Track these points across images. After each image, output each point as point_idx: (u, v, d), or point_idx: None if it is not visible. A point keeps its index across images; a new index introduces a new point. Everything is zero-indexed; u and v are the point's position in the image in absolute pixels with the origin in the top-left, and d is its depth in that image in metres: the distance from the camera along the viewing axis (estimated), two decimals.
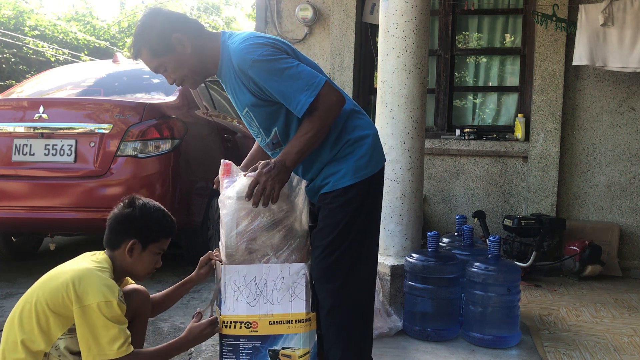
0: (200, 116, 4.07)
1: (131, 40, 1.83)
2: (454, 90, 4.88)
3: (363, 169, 1.82)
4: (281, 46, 1.75)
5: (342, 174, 1.82)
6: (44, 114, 3.43)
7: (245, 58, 1.70)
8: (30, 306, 1.66)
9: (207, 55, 1.83)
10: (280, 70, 1.69)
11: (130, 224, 1.80)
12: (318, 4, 4.83)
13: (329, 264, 1.83)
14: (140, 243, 1.79)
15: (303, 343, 1.86)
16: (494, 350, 2.59)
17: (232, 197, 1.89)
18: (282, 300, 1.84)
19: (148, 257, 1.83)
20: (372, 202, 1.88)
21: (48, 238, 3.83)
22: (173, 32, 1.76)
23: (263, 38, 1.74)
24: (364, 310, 1.92)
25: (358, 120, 1.88)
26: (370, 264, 1.92)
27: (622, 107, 4.44)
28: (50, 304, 1.63)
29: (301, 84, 1.69)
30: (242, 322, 1.85)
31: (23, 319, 1.66)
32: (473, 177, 4.62)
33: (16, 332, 1.66)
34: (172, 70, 1.81)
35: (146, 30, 1.77)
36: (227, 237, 1.88)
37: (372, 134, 1.88)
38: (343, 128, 1.84)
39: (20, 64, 11.80)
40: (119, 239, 1.79)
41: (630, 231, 4.44)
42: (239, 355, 1.86)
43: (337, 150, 1.83)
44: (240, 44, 1.73)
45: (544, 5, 4.38)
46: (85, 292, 1.61)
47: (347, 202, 1.81)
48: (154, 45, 1.77)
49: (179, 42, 1.77)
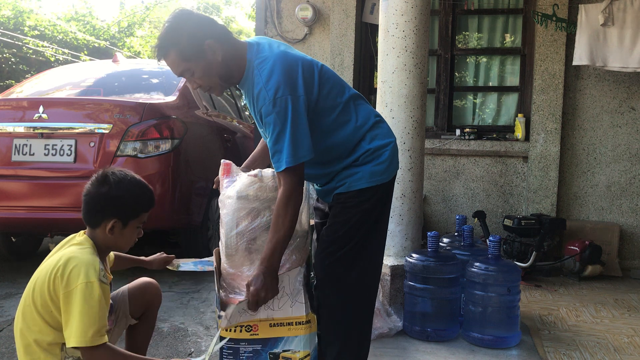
0: (200, 116, 4.07)
1: (158, 40, 1.77)
2: (454, 90, 4.87)
3: (380, 174, 1.86)
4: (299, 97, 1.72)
5: (358, 177, 1.85)
6: (44, 114, 3.43)
7: (262, 96, 1.71)
8: (30, 306, 1.65)
9: (235, 65, 1.81)
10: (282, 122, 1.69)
11: (108, 204, 1.74)
12: (318, 4, 4.83)
13: (334, 260, 1.85)
14: (120, 221, 1.75)
15: (304, 345, 1.85)
16: (494, 350, 2.59)
17: (232, 196, 1.88)
18: (283, 307, 1.84)
19: (129, 231, 1.79)
20: (383, 207, 1.92)
21: (48, 238, 3.83)
22: (206, 38, 1.73)
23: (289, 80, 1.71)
24: (364, 310, 1.94)
25: (378, 129, 1.90)
26: (374, 265, 1.94)
27: (622, 107, 4.44)
28: (46, 296, 1.62)
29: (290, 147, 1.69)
30: (242, 325, 1.84)
31: (27, 320, 1.66)
32: (473, 177, 4.62)
33: (26, 334, 1.66)
34: (200, 76, 1.78)
35: (177, 32, 1.73)
36: (227, 237, 1.88)
37: (392, 142, 1.91)
38: (362, 138, 1.87)
39: (20, 64, 11.79)
40: (98, 219, 1.74)
41: (630, 231, 4.43)
42: (239, 359, 1.85)
43: (355, 158, 1.87)
44: (265, 78, 1.71)
45: (544, 5, 4.38)
46: (70, 276, 1.59)
47: (360, 203, 1.85)
48: (184, 48, 1.72)
49: (210, 49, 1.75)
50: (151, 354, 2.53)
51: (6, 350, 2.56)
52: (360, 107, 1.92)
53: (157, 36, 1.80)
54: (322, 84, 1.83)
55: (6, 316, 3.01)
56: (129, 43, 16.00)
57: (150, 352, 2.55)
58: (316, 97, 1.80)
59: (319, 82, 1.82)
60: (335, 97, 1.86)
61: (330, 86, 1.86)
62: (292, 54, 1.81)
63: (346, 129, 1.86)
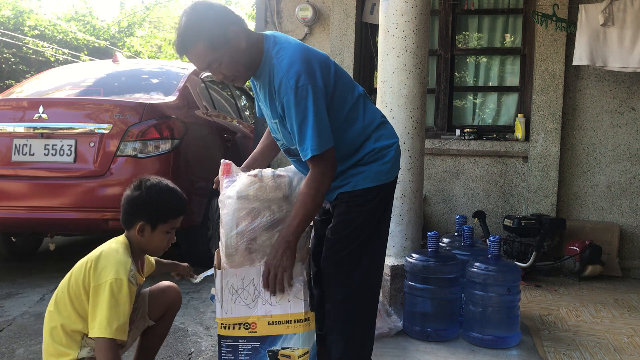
0: (200, 116, 4.07)
1: (180, 34, 1.73)
2: (454, 90, 4.87)
3: (384, 174, 1.88)
4: (318, 87, 1.73)
5: (364, 176, 1.87)
6: (44, 114, 3.43)
7: (284, 85, 1.71)
8: (64, 292, 1.76)
9: (254, 53, 1.80)
10: (304, 111, 1.71)
11: (138, 207, 1.86)
12: (318, 4, 4.83)
13: (339, 259, 1.87)
14: (149, 224, 1.84)
15: (302, 343, 1.86)
16: (494, 350, 2.59)
17: (232, 196, 1.88)
18: (281, 301, 1.85)
19: (159, 236, 1.88)
20: (386, 206, 1.94)
21: (48, 238, 3.83)
22: (230, 24, 1.72)
23: (309, 69, 1.72)
24: (367, 309, 1.95)
25: (383, 130, 1.93)
26: (377, 265, 1.96)
27: (622, 107, 4.44)
28: (80, 285, 1.74)
29: (314, 134, 1.71)
30: (240, 323, 1.85)
31: (59, 305, 1.77)
32: (473, 177, 4.62)
33: (55, 317, 1.76)
34: (227, 64, 1.75)
35: (201, 22, 1.69)
36: (227, 237, 1.88)
37: (396, 143, 1.93)
38: (368, 137, 1.88)
39: (20, 64, 11.79)
40: (131, 220, 1.86)
41: (630, 231, 4.43)
42: (238, 356, 1.85)
43: (360, 157, 1.88)
44: (285, 67, 1.71)
45: (544, 5, 4.38)
46: (102, 270, 1.71)
47: (365, 202, 1.87)
48: (211, 37, 1.69)
49: (235, 35, 1.73)
50: None
51: (6, 350, 2.56)
52: (368, 106, 1.93)
53: (176, 32, 1.77)
54: (337, 78, 1.84)
55: (6, 316, 3.01)
56: (129, 43, 16.00)
57: None
58: (332, 92, 1.81)
59: (335, 76, 1.83)
60: (346, 94, 1.87)
61: (343, 83, 1.87)
62: (309, 47, 1.84)
63: (354, 127, 1.87)
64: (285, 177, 1.92)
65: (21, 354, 2.52)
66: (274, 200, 1.87)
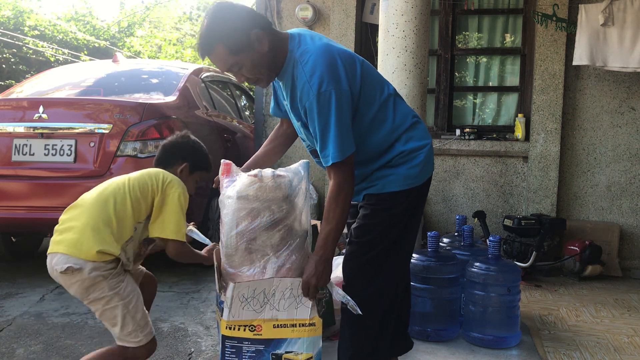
0: (200, 116, 4.07)
1: (201, 36, 1.72)
2: (454, 90, 4.87)
3: (413, 178, 1.83)
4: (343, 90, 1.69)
5: (391, 180, 1.82)
6: (44, 114, 3.43)
7: (307, 91, 1.69)
8: (122, 194, 1.93)
9: (278, 55, 1.77)
10: (326, 117, 1.68)
11: (185, 150, 2.14)
12: (318, 4, 4.83)
13: (362, 263, 1.84)
14: (190, 167, 2.11)
15: (307, 348, 1.85)
16: (494, 350, 2.59)
17: (232, 196, 1.88)
18: (288, 308, 1.84)
19: (192, 180, 2.15)
20: (414, 211, 1.88)
21: (48, 238, 3.82)
22: (251, 28, 1.69)
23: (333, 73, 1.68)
24: (386, 313, 1.90)
25: (414, 131, 1.86)
26: (399, 272, 1.90)
27: (622, 107, 4.44)
28: (139, 191, 1.94)
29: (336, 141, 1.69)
30: (246, 325, 1.84)
31: (117, 205, 1.91)
32: (473, 177, 4.62)
33: (106, 216, 1.90)
34: (249, 69, 1.74)
35: (221, 26, 1.67)
36: (227, 237, 1.88)
37: (428, 144, 1.87)
38: (398, 139, 1.83)
39: (20, 64, 11.77)
40: (173, 160, 2.11)
41: (630, 231, 4.43)
42: (241, 358, 1.85)
43: (389, 159, 1.83)
44: (309, 72, 1.68)
45: (544, 5, 4.38)
46: (169, 183, 1.97)
47: (391, 206, 1.82)
48: (232, 41, 1.67)
49: (257, 40, 1.70)
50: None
51: (6, 350, 2.56)
52: (399, 106, 1.87)
53: (198, 33, 1.75)
54: (363, 78, 1.79)
55: (6, 316, 3.01)
56: (129, 43, 15.98)
57: None
58: (358, 92, 1.77)
59: (361, 76, 1.78)
60: (374, 94, 1.82)
61: (371, 82, 1.82)
62: (335, 47, 1.77)
63: (383, 128, 1.82)
64: (285, 177, 1.92)
65: (21, 354, 2.52)
66: (274, 200, 1.87)
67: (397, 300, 1.95)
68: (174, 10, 23.08)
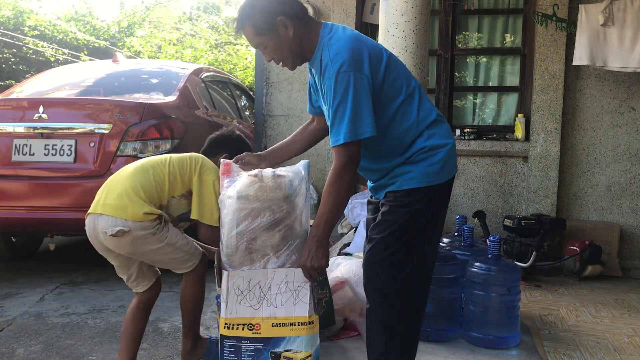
0: (200, 116, 4.07)
1: (237, 13, 1.85)
2: (454, 90, 4.87)
3: (432, 175, 1.82)
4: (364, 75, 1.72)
5: (410, 176, 1.82)
6: (44, 114, 3.43)
7: (328, 70, 1.73)
8: (163, 166, 2.15)
9: (307, 43, 1.84)
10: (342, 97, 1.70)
11: (229, 143, 2.35)
12: (318, 4, 4.83)
13: (379, 259, 1.82)
14: (229, 158, 2.15)
15: (305, 346, 1.85)
16: (494, 350, 2.59)
17: (232, 196, 1.89)
18: (286, 304, 1.84)
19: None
20: (435, 210, 1.86)
21: (48, 238, 3.83)
22: (279, 14, 1.78)
23: (356, 57, 1.72)
24: (408, 315, 1.86)
25: (437, 128, 1.85)
26: (420, 271, 1.86)
27: (622, 107, 4.44)
28: (178, 168, 2.15)
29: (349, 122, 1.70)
30: (244, 323, 1.85)
31: (156, 175, 2.12)
32: (473, 177, 4.62)
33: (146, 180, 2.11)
34: (271, 50, 1.85)
35: (253, 7, 1.80)
36: (227, 237, 1.88)
37: (450, 144, 1.86)
38: (420, 134, 1.83)
39: (20, 64, 11.78)
40: (216, 151, 2.31)
41: (630, 231, 4.43)
42: (240, 357, 1.85)
43: (409, 155, 1.83)
44: (333, 53, 1.74)
45: (544, 5, 4.38)
46: (206, 169, 2.16)
47: (409, 203, 1.81)
48: (257, 23, 1.80)
49: (282, 25, 1.79)
50: (151, 354, 2.54)
51: (6, 350, 2.56)
52: (424, 101, 1.87)
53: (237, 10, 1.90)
54: (388, 70, 1.80)
55: (6, 316, 3.01)
56: (129, 43, 15.99)
57: (150, 351, 2.56)
58: (380, 82, 1.78)
59: (386, 68, 1.80)
60: (400, 88, 1.82)
61: (397, 75, 1.83)
62: (363, 38, 1.83)
63: (405, 122, 1.82)
64: (285, 177, 1.92)
65: (21, 354, 2.52)
66: (274, 200, 1.87)
67: (420, 301, 1.90)
68: (174, 10, 23.08)
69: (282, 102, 4.87)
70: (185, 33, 20.54)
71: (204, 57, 14.69)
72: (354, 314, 2.69)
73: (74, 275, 3.77)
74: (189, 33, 20.54)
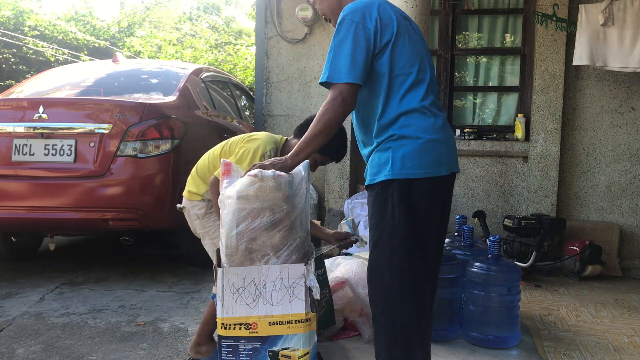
0: (200, 116, 4.07)
1: None
2: (454, 90, 4.87)
3: (396, 167, 1.72)
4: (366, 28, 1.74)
5: (371, 165, 1.81)
6: (44, 114, 3.43)
7: (340, 18, 1.80)
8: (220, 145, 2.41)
9: (344, 4, 1.91)
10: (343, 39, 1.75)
11: None
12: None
13: (369, 264, 1.82)
14: None
15: (303, 343, 1.85)
16: (494, 350, 2.59)
17: (232, 197, 1.88)
18: (282, 301, 1.84)
19: (313, 158, 2.33)
20: (408, 207, 1.72)
21: (48, 238, 3.83)
22: None
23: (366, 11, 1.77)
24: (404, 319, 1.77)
25: (419, 120, 1.74)
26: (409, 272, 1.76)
27: (623, 107, 4.44)
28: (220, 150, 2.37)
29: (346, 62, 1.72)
30: (241, 323, 1.85)
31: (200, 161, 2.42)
32: (473, 177, 4.62)
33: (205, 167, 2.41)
34: (319, 3, 2.04)
35: None
36: (227, 237, 1.88)
37: (425, 139, 1.73)
38: (394, 121, 1.74)
39: (20, 64, 11.79)
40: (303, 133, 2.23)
41: (630, 231, 4.43)
42: (238, 356, 1.85)
43: (380, 141, 1.77)
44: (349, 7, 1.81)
45: (544, 5, 4.38)
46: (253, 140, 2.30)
47: (375, 197, 1.78)
48: None
49: None
50: (151, 354, 2.54)
51: (6, 350, 2.56)
52: (420, 89, 1.78)
53: None
54: (399, 37, 1.77)
55: (6, 316, 3.01)
56: (129, 43, 15.99)
57: (150, 352, 2.56)
58: (383, 44, 1.75)
59: (397, 34, 1.76)
60: (403, 65, 1.76)
61: (408, 50, 1.78)
62: (389, 4, 1.86)
63: (392, 98, 1.75)
64: (285, 177, 1.92)
65: (21, 354, 2.52)
66: (274, 200, 1.87)
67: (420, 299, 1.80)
68: (174, 10, 23.07)
69: (282, 102, 4.87)
70: (185, 33, 20.55)
71: (204, 57, 14.70)
72: (354, 314, 2.69)
73: (74, 275, 3.77)
74: (189, 33, 20.55)
